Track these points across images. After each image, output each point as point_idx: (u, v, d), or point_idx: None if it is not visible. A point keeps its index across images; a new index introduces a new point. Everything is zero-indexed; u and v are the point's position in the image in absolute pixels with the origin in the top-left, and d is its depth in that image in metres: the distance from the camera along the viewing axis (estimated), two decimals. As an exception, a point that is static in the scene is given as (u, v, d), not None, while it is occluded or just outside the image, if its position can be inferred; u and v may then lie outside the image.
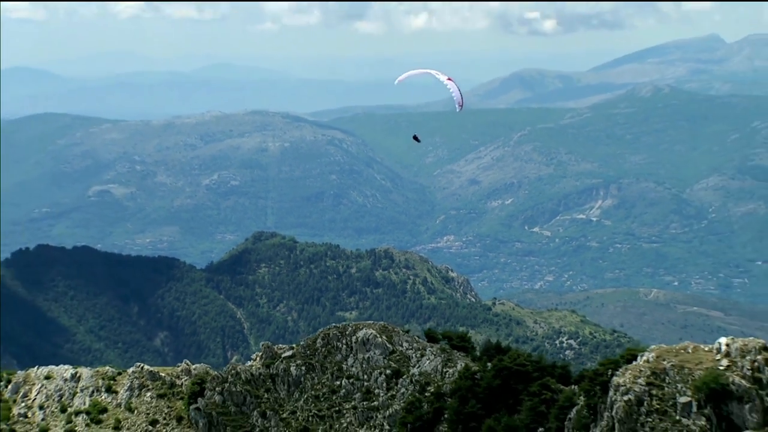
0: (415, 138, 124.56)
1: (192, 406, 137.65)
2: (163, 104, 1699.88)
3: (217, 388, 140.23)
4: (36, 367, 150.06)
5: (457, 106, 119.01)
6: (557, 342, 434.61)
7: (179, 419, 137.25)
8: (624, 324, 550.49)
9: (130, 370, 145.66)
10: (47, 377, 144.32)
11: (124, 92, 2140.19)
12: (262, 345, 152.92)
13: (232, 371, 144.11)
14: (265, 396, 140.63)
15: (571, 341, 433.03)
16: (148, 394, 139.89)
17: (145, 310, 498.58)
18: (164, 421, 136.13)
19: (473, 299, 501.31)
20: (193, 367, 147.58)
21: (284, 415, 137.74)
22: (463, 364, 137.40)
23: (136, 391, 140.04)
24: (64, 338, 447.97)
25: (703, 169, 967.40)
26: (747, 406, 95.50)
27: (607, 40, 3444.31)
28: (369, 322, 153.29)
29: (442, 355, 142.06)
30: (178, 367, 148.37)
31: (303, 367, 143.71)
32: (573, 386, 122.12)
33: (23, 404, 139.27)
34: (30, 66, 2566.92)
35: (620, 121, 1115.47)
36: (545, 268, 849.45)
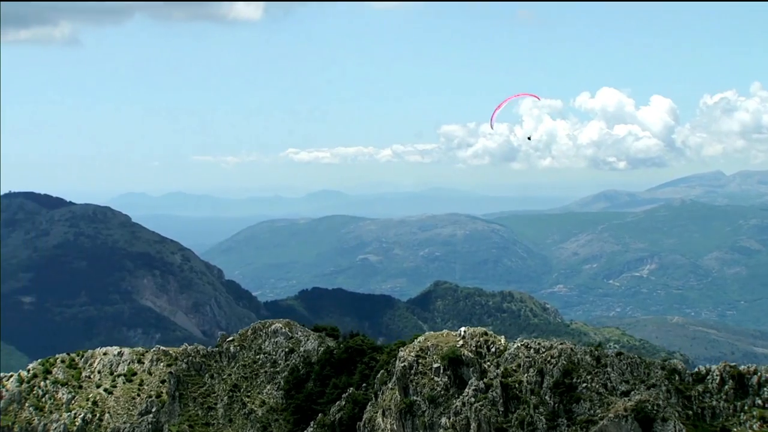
0: (529, 138, 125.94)
1: (167, 370, 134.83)
2: (401, 210, 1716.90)
3: (184, 359, 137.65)
4: (99, 347, 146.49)
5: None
6: (606, 345, 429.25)
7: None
8: (658, 336, 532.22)
9: (152, 350, 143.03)
10: (104, 354, 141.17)
11: (379, 203, 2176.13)
12: (221, 334, 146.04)
13: (195, 349, 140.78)
14: (214, 364, 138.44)
15: (615, 345, 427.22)
16: (161, 364, 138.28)
17: (372, 325, 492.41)
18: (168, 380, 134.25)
19: (559, 320, 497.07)
20: (190, 348, 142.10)
21: (224, 377, 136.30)
22: (327, 345, 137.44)
23: (155, 362, 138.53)
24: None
25: (710, 248, 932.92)
26: (471, 369, 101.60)
27: (656, 173, 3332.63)
28: (278, 319, 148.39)
29: (319, 340, 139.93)
30: (181, 348, 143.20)
31: (238, 347, 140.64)
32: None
33: (89, 370, 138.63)
34: (330, 189, 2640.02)
35: (661, 219, 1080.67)
36: (615, 304, 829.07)
